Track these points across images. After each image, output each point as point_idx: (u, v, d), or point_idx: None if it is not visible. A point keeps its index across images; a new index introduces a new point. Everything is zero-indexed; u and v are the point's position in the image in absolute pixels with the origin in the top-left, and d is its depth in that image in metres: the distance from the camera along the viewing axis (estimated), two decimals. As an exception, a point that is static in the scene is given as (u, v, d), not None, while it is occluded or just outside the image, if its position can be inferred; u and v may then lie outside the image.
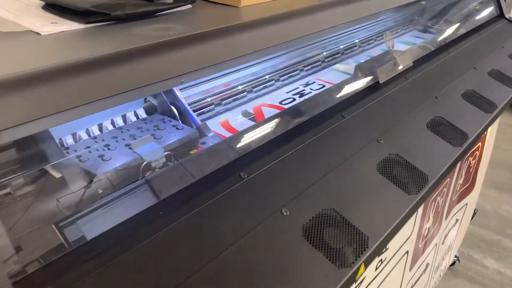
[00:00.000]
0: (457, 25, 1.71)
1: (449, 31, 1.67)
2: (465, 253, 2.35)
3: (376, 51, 1.60)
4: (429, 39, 1.64)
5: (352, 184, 0.83)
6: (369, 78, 1.16)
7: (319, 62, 1.45)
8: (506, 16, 1.93)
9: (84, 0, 0.84)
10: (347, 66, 1.45)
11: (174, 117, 0.94)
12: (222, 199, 0.72)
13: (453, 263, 2.24)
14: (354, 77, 1.17)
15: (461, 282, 2.20)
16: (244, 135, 0.88)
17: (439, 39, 1.58)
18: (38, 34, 0.74)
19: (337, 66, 1.45)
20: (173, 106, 0.94)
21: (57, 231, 0.61)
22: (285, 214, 0.72)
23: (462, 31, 1.66)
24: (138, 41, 0.70)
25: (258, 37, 0.86)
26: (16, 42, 0.71)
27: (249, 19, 0.87)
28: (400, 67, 1.22)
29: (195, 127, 0.93)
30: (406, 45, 1.61)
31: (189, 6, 0.95)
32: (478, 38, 1.63)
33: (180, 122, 0.93)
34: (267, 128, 0.90)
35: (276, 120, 0.94)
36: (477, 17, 1.82)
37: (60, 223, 0.62)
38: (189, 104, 1.02)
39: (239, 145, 0.84)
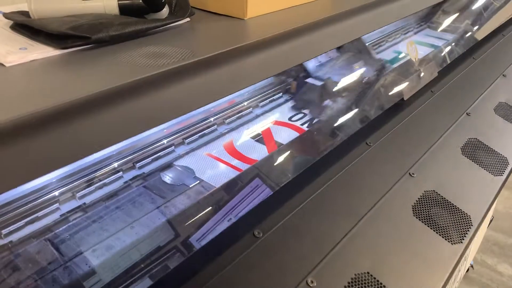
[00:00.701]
0: (477, 24, 1.56)
1: (471, 32, 1.52)
2: (478, 258, 2.24)
3: (389, 53, 1.46)
4: (449, 40, 1.49)
5: (386, 235, 0.70)
6: (393, 95, 1.02)
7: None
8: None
9: (61, 19, 0.69)
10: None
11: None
12: (235, 268, 0.58)
13: (467, 270, 2.14)
14: (376, 94, 1.03)
15: (475, 290, 2.10)
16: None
17: (460, 41, 1.44)
18: (2, 65, 0.60)
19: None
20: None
21: None
22: (311, 286, 0.59)
23: (484, 31, 1.51)
24: (124, 76, 0.56)
25: (272, 58, 0.71)
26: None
27: (259, 37, 0.72)
28: (425, 79, 1.08)
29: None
30: (422, 46, 1.47)
31: (187, 19, 0.81)
32: (502, 40, 1.48)
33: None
34: (280, 171, 0.76)
35: (289, 158, 0.80)
36: (498, 15, 1.67)
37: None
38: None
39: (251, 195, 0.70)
